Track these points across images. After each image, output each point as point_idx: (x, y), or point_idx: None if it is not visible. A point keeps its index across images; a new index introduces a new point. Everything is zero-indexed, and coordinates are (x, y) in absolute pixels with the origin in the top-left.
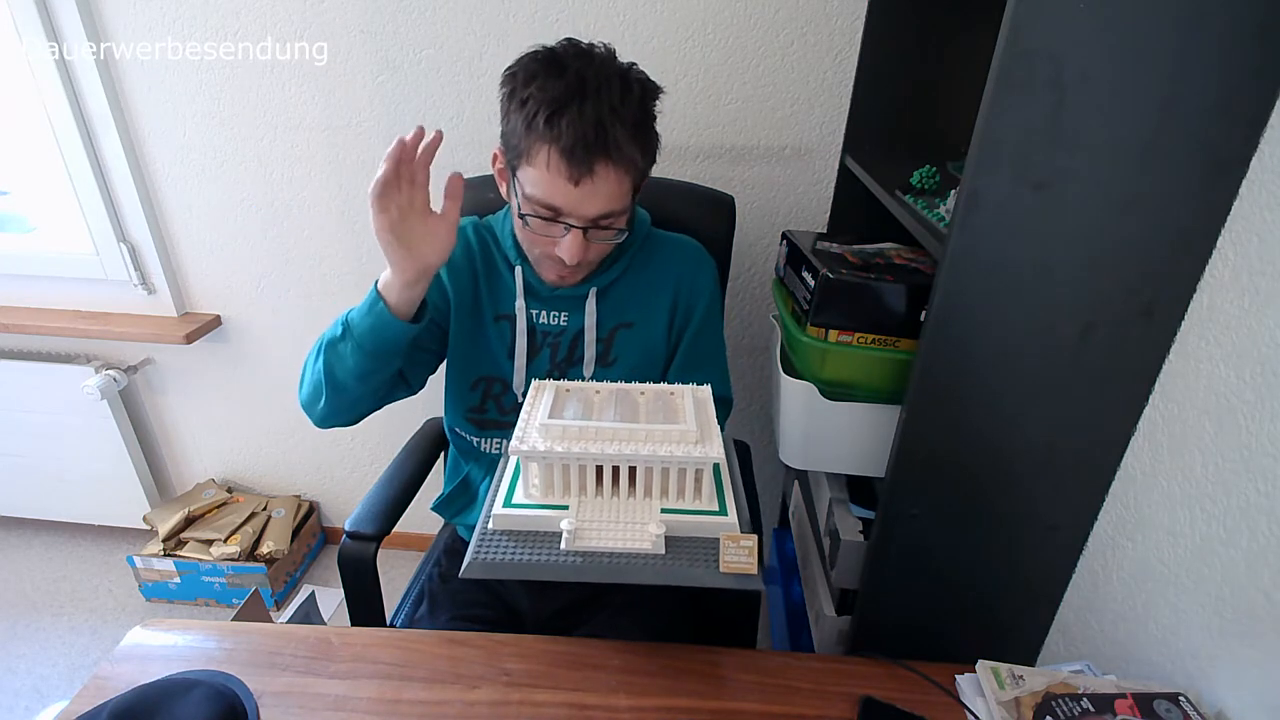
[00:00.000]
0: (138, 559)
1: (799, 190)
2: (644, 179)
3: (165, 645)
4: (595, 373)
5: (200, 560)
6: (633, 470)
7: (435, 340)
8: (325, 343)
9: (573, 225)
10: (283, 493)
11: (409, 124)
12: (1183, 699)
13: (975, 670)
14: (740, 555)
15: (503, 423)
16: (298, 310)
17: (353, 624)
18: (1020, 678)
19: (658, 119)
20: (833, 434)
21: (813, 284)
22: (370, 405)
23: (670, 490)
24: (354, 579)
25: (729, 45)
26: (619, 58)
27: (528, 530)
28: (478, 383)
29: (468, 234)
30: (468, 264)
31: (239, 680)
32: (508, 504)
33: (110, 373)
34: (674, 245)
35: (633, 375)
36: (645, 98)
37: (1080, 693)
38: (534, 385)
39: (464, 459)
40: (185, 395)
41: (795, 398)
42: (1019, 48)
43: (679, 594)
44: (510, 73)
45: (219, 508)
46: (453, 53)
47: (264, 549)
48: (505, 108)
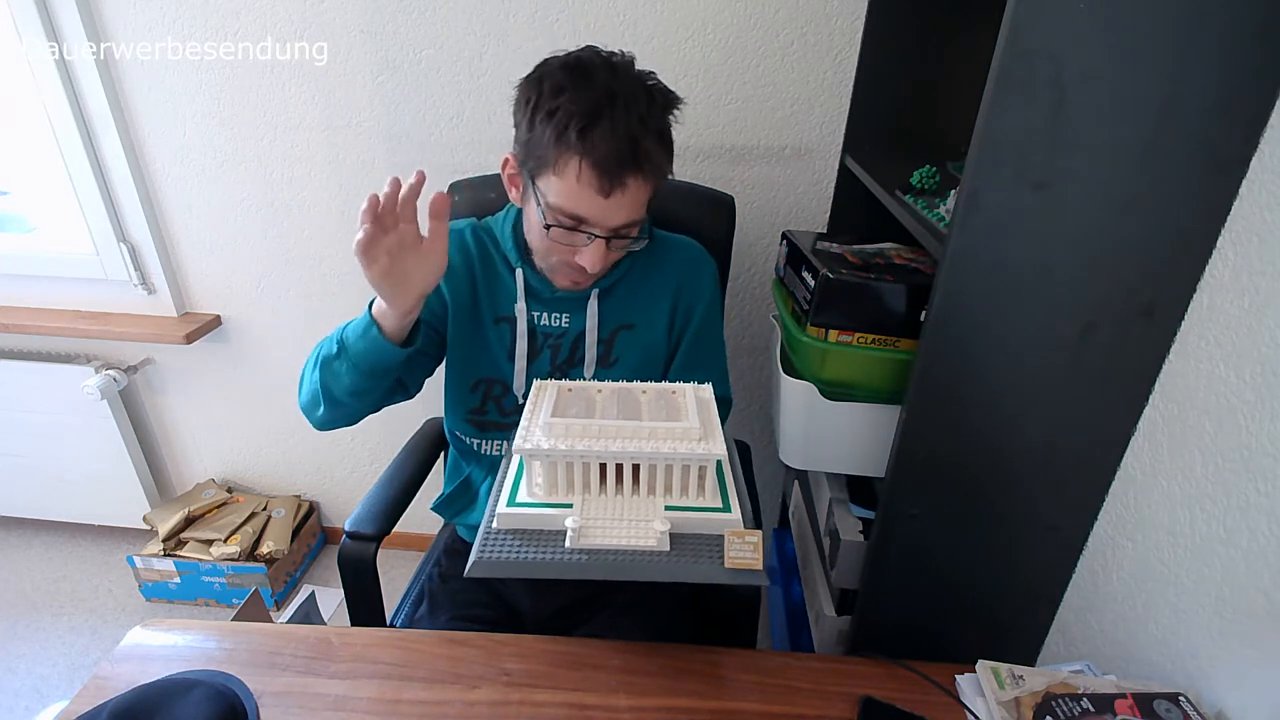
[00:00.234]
0: (138, 559)
1: (799, 190)
2: (662, 186)
3: (165, 645)
4: (596, 374)
5: (200, 560)
6: (636, 468)
7: (432, 345)
8: (321, 358)
9: (596, 235)
10: (283, 493)
11: (409, 124)
12: (1183, 699)
13: (975, 670)
14: (745, 551)
15: (503, 424)
16: (298, 310)
17: (353, 624)
18: (1020, 678)
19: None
20: (833, 434)
21: (813, 284)
22: (368, 412)
23: (674, 487)
24: (354, 579)
25: (729, 45)
26: (636, 65)
27: (532, 529)
28: (478, 384)
29: (465, 237)
30: (466, 268)
31: (239, 680)
32: (511, 503)
33: (110, 373)
34: (675, 246)
35: (633, 376)
36: (667, 108)
37: (1080, 693)
38: (536, 385)
39: (464, 461)
40: (185, 395)
41: (795, 398)
42: (1019, 48)
43: (679, 594)
44: (532, 80)
45: (219, 508)
46: (453, 53)
47: (264, 549)
48: (527, 116)
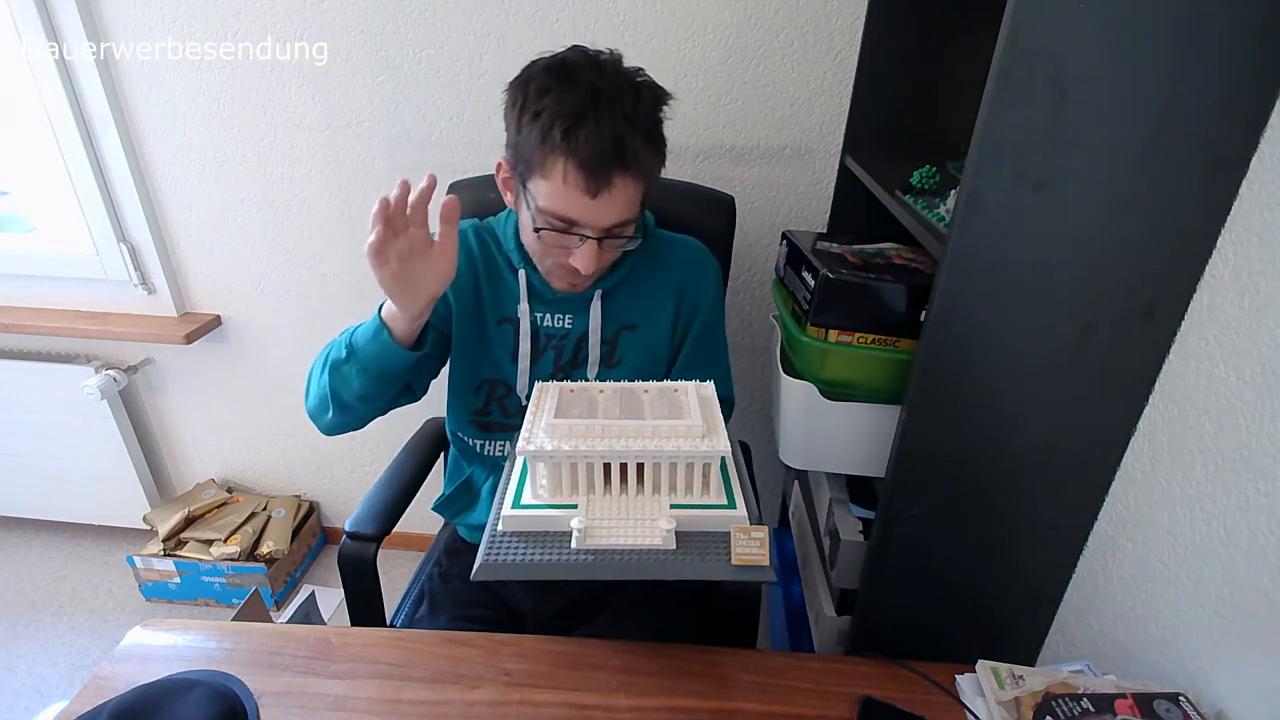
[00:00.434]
0: (138, 559)
1: (799, 190)
2: (654, 183)
3: (165, 645)
4: (599, 374)
5: (200, 560)
6: (640, 467)
7: (438, 348)
8: (330, 363)
9: (588, 236)
10: (283, 493)
11: (409, 124)
12: (1183, 699)
13: (975, 670)
14: (752, 547)
15: (506, 425)
16: (298, 310)
17: (353, 624)
18: (1020, 678)
19: (665, 123)
20: (833, 434)
21: (813, 284)
22: (376, 415)
23: (679, 485)
24: (354, 579)
25: (729, 45)
26: (625, 62)
27: (538, 530)
28: (481, 385)
29: (468, 238)
30: (469, 269)
31: (239, 680)
32: (516, 505)
33: (110, 373)
34: (677, 246)
35: (636, 377)
36: (656, 105)
37: (1080, 693)
38: (538, 387)
39: (466, 461)
40: (185, 395)
41: (795, 398)
42: (1019, 48)
43: (680, 594)
44: (519, 83)
45: (219, 508)
46: (453, 53)
47: (264, 549)
48: (515, 120)
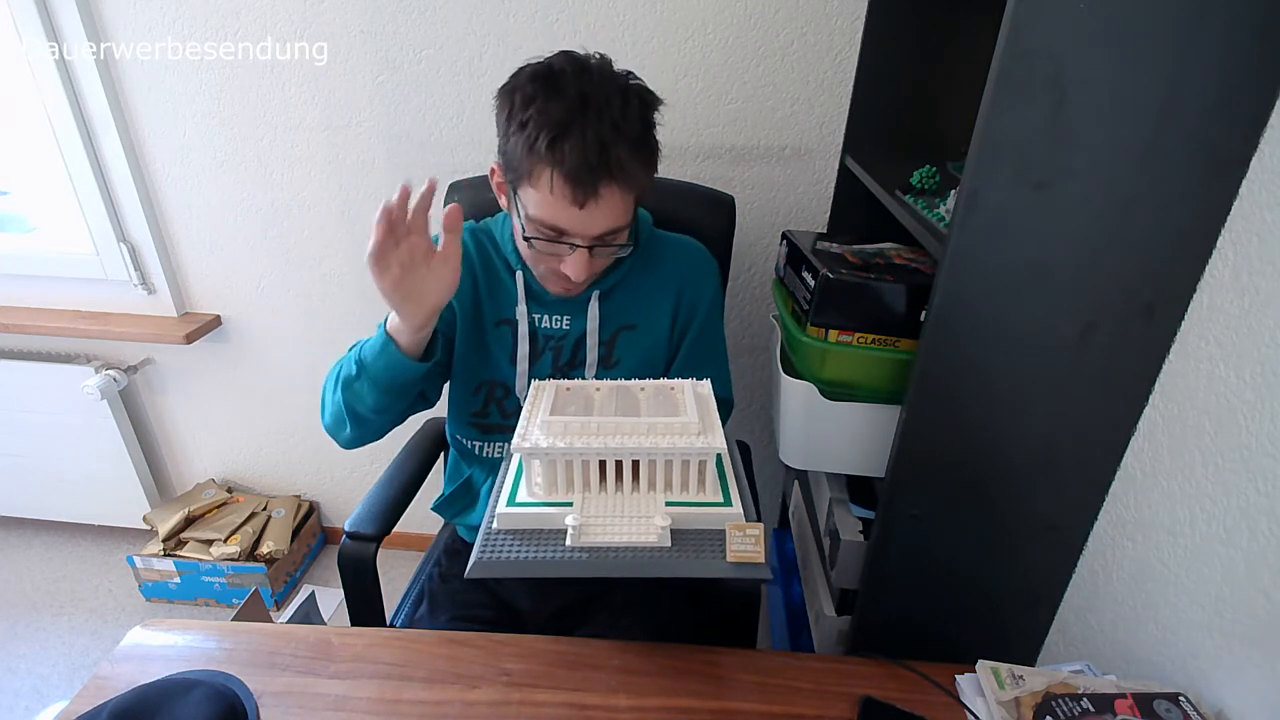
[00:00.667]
0: (138, 559)
1: (799, 190)
2: (646, 190)
3: (165, 645)
4: (597, 375)
5: (200, 560)
6: (635, 464)
7: (446, 353)
8: (342, 380)
9: (578, 245)
10: (283, 493)
11: (409, 124)
12: (1183, 699)
13: (975, 670)
14: (747, 544)
15: (505, 426)
16: (298, 310)
17: (353, 624)
18: (1020, 678)
19: (658, 127)
20: (833, 434)
21: (813, 284)
22: (394, 425)
23: (674, 483)
24: (354, 579)
25: (729, 45)
26: (616, 65)
27: (533, 528)
28: (480, 387)
29: (466, 240)
30: (467, 272)
31: (239, 680)
32: (511, 503)
33: (110, 373)
34: (676, 246)
35: (634, 377)
36: (645, 110)
37: (1080, 693)
38: (534, 385)
39: (466, 464)
40: (185, 395)
41: (795, 398)
42: (1019, 48)
43: (679, 593)
44: (506, 91)
45: (219, 508)
46: (453, 53)
47: (264, 549)
48: (504, 127)
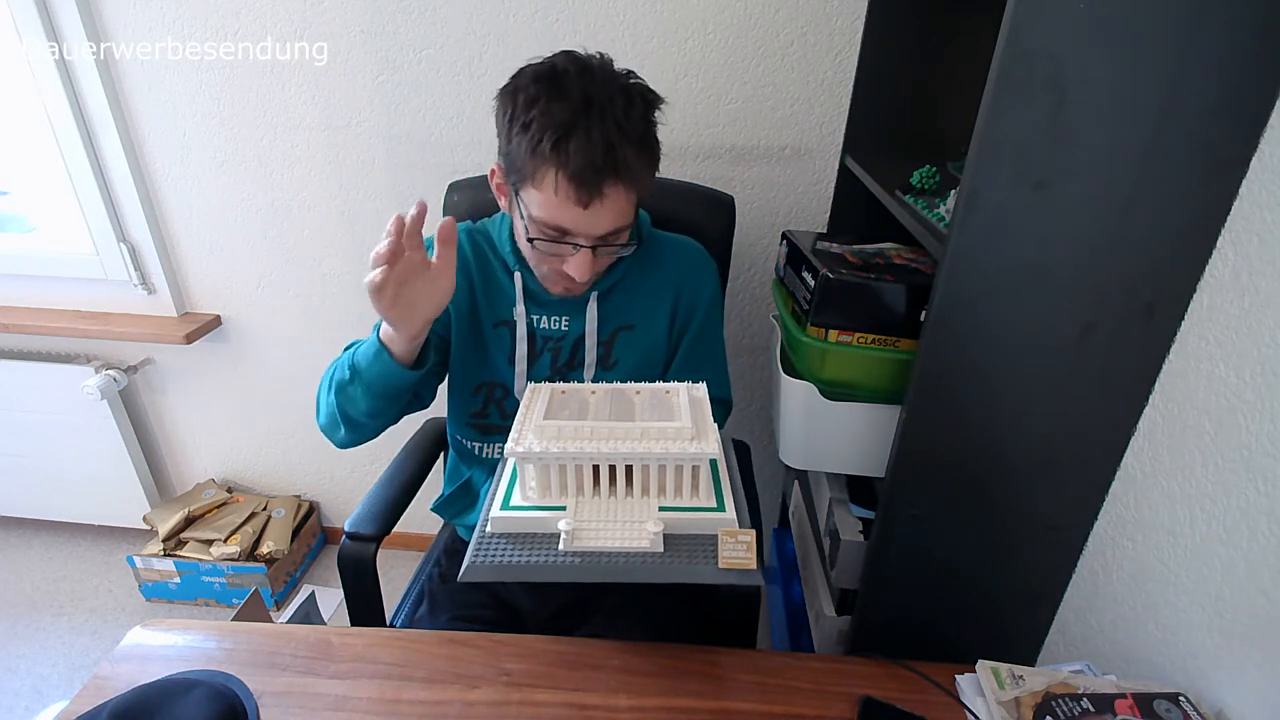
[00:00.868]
0: (138, 559)
1: (799, 190)
2: (648, 189)
3: (165, 645)
4: (596, 375)
5: (200, 560)
6: (629, 469)
7: (441, 354)
8: (336, 383)
9: (581, 245)
10: (283, 493)
11: (409, 124)
12: (1183, 699)
13: (975, 670)
14: (739, 550)
15: (505, 427)
16: (298, 310)
17: (353, 624)
18: (1020, 678)
19: (659, 126)
20: (833, 434)
21: (813, 284)
22: (388, 426)
23: (667, 488)
24: (354, 579)
25: (729, 45)
26: (617, 65)
27: (526, 532)
28: (479, 388)
29: (462, 241)
30: (464, 273)
31: (239, 680)
32: (505, 506)
33: (110, 373)
34: (675, 246)
35: (633, 378)
36: (648, 110)
37: (1080, 693)
38: (530, 388)
39: (466, 464)
40: (185, 395)
41: (795, 398)
42: (1019, 48)
43: (678, 594)
44: (508, 92)
45: (219, 508)
46: (453, 53)
47: (264, 549)
48: (505, 129)
